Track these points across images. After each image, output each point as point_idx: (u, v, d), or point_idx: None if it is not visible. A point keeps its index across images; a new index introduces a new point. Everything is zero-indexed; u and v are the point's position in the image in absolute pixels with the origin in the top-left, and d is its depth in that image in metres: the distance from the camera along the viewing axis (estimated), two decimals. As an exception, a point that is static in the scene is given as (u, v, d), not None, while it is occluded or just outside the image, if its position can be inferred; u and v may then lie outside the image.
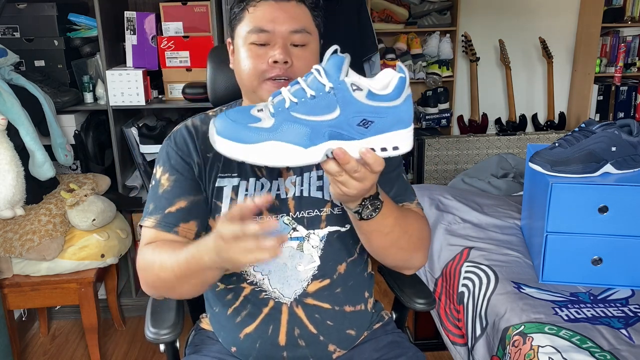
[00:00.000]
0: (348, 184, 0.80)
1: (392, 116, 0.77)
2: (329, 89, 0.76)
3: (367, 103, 0.76)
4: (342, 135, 0.78)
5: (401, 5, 3.43)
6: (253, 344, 1.11)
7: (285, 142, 0.77)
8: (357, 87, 0.76)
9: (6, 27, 2.24)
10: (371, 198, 0.87)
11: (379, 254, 1.03)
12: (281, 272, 1.09)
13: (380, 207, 0.89)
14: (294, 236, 1.08)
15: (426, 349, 2.10)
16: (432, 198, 2.02)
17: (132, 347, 2.34)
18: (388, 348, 1.17)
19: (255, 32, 1.01)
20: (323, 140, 0.78)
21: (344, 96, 0.76)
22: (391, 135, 0.78)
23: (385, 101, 0.77)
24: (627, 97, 3.52)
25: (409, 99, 0.78)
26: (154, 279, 1.00)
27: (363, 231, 0.96)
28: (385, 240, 0.97)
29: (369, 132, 0.78)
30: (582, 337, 1.22)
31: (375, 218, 0.90)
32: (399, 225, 0.96)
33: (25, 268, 2.01)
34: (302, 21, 1.02)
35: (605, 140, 1.41)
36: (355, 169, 0.78)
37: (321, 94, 0.77)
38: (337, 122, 0.77)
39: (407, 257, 1.04)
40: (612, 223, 1.39)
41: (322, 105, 0.77)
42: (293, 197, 1.08)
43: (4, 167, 1.87)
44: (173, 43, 2.26)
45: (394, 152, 0.80)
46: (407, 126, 0.79)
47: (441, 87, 3.52)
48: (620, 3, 3.43)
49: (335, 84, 0.76)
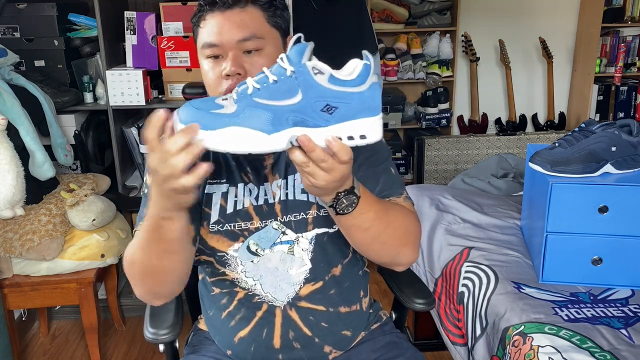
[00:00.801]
0: (316, 174, 0.78)
1: (357, 103, 0.75)
2: (290, 72, 0.75)
3: (330, 87, 0.75)
4: (306, 122, 0.76)
5: (401, 5, 3.43)
6: (248, 347, 1.11)
7: (247, 128, 0.76)
8: (319, 71, 0.75)
9: (6, 27, 2.24)
10: (346, 192, 0.84)
11: (362, 249, 1.00)
12: (273, 276, 1.08)
13: (357, 202, 0.86)
14: (284, 240, 1.07)
15: (426, 349, 2.11)
16: (432, 198, 2.02)
17: (132, 347, 2.34)
18: (386, 348, 1.16)
19: (207, 47, 1.00)
20: (286, 127, 0.76)
21: (305, 79, 0.75)
22: (358, 123, 0.76)
23: (349, 86, 0.75)
24: (627, 97, 3.52)
25: (374, 87, 0.76)
26: (130, 269, 0.97)
27: (342, 226, 0.93)
28: (366, 236, 0.94)
29: (334, 119, 0.76)
30: (582, 337, 1.22)
31: (353, 213, 0.87)
32: (379, 219, 0.93)
33: (25, 268, 2.01)
34: (250, 27, 0.99)
35: (605, 140, 1.41)
36: (322, 158, 0.76)
37: (282, 77, 0.76)
38: (299, 106, 0.75)
39: (393, 253, 1.01)
40: (612, 223, 1.39)
41: (284, 90, 0.76)
42: (279, 201, 1.07)
43: (4, 167, 1.87)
44: (173, 43, 2.26)
45: (361, 141, 0.77)
46: (374, 114, 0.76)
47: (441, 87, 3.52)
48: (620, 3, 3.43)
49: (296, 67, 0.75)
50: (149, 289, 1.01)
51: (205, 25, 1.01)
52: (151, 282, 0.99)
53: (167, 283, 1.00)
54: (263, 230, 1.07)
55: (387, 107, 3.50)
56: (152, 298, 1.04)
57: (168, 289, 1.03)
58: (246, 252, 1.07)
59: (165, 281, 0.99)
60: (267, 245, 1.07)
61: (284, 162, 1.08)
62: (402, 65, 3.46)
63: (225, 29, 0.99)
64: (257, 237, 1.07)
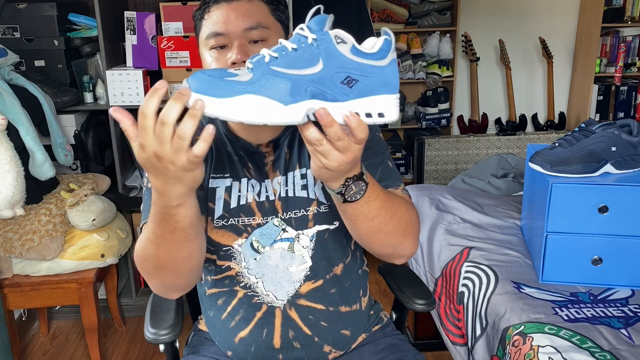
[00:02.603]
0: (329, 155, 0.75)
1: (378, 77, 0.73)
2: (312, 40, 0.72)
3: (352, 58, 0.72)
4: (324, 95, 0.73)
5: (401, 5, 3.43)
6: (248, 348, 1.12)
7: (263, 97, 0.72)
8: (342, 40, 0.72)
9: (6, 27, 2.24)
10: (355, 178, 0.82)
11: (366, 240, 0.97)
12: (273, 274, 1.08)
13: (365, 189, 0.84)
14: (284, 237, 1.07)
15: (426, 349, 2.11)
16: (432, 198, 2.02)
17: (132, 347, 2.34)
18: (387, 351, 1.16)
19: (212, 36, 1.01)
20: (305, 98, 0.72)
21: (327, 48, 0.72)
22: (377, 99, 0.73)
23: (371, 59, 0.73)
24: (627, 97, 3.52)
25: (394, 63, 0.74)
26: (143, 264, 0.95)
27: (348, 215, 0.90)
28: (372, 225, 0.91)
29: (353, 93, 0.73)
30: (582, 337, 1.22)
31: (360, 201, 0.85)
32: (385, 208, 0.90)
33: (25, 268, 2.01)
34: (256, 17, 1.01)
35: (605, 140, 1.41)
36: (338, 135, 0.73)
37: (303, 45, 0.73)
38: (320, 76, 0.72)
39: (396, 244, 0.98)
40: (612, 223, 1.39)
41: (304, 58, 0.72)
42: (279, 198, 1.07)
43: (4, 167, 1.87)
44: (173, 43, 2.26)
45: (379, 120, 0.74)
46: (393, 91, 0.74)
47: (441, 87, 3.52)
48: (620, 3, 3.43)
49: (318, 35, 0.72)
50: (166, 281, 0.99)
51: (210, 17, 1.02)
52: (168, 273, 0.96)
53: (185, 273, 0.98)
54: (264, 227, 1.07)
55: (387, 107, 3.50)
56: (169, 291, 1.03)
57: (185, 281, 1.01)
58: (249, 249, 1.07)
59: (183, 271, 0.97)
60: (268, 242, 1.07)
61: (284, 159, 1.08)
62: (402, 65, 3.46)
63: (232, 18, 1.00)
64: (259, 233, 1.07)
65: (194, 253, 0.94)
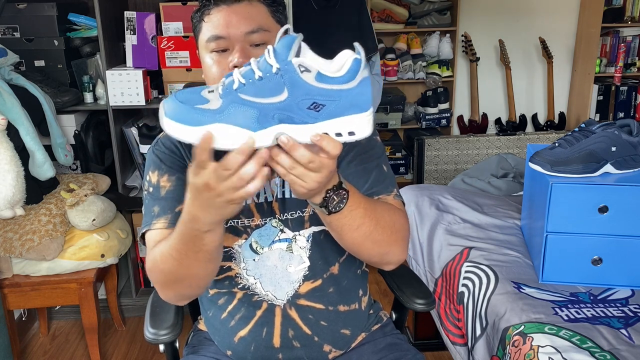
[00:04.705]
0: (305, 177, 0.75)
1: (345, 100, 0.73)
2: (276, 70, 0.73)
3: (317, 85, 0.73)
4: (292, 119, 0.73)
5: (401, 5, 3.43)
6: (248, 347, 1.12)
7: (231, 125, 0.73)
8: (306, 69, 0.73)
9: (6, 27, 2.24)
10: (335, 188, 0.82)
11: (354, 250, 0.98)
12: (272, 274, 1.09)
13: (347, 196, 0.84)
14: (282, 238, 1.08)
15: (426, 349, 2.11)
16: (432, 198, 2.02)
17: (132, 347, 2.34)
18: (387, 350, 1.16)
19: (213, 39, 1.00)
20: (272, 124, 0.74)
21: (291, 78, 0.72)
22: (346, 120, 0.74)
23: (337, 84, 0.73)
24: (627, 97, 3.52)
25: (365, 82, 0.74)
26: (160, 276, 0.97)
27: (334, 227, 0.91)
28: (358, 235, 0.92)
29: (321, 116, 0.73)
30: (582, 337, 1.22)
31: (344, 211, 0.85)
32: (369, 216, 0.91)
33: (25, 268, 2.01)
34: (257, 20, 1.00)
35: (605, 140, 1.41)
36: (307, 158, 0.73)
37: (268, 75, 0.73)
38: (285, 104, 0.73)
39: (384, 251, 0.98)
40: (612, 223, 1.39)
41: (269, 87, 0.73)
42: (276, 199, 1.08)
43: (4, 167, 1.87)
44: (173, 43, 2.26)
45: (350, 138, 0.75)
46: (363, 110, 0.74)
47: (441, 87, 3.52)
48: (620, 3, 3.43)
49: (282, 65, 0.73)
50: (179, 293, 1.01)
51: (210, 20, 1.01)
52: (182, 287, 0.98)
53: (201, 286, 1.01)
54: (263, 228, 1.08)
55: (387, 107, 3.50)
56: (179, 300, 1.05)
57: (198, 291, 1.04)
58: (249, 249, 1.08)
59: (199, 285, 1.00)
60: (266, 243, 1.08)
61: None
62: (402, 65, 3.46)
63: (233, 22, 0.99)
64: (258, 234, 1.08)
65: (214, 271, 0.97)
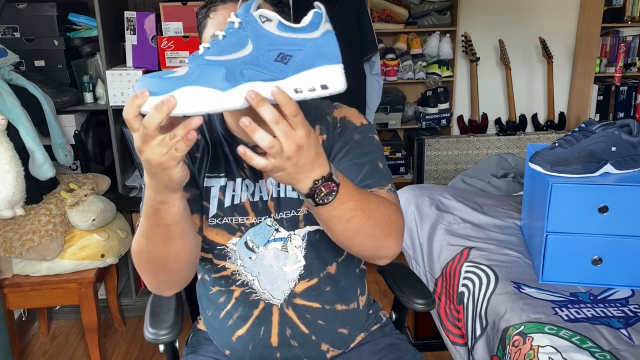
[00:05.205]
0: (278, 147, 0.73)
1: (312, 49, 0.72)
2: (238, 24, 0.73)
3: (280, 34, 0.72)
4: (262, 76, 0.72)
5: (401, 5, 3.43)
6: (246, 346, 1.12)
7: (200, 86, 0.72)
8: (267, 19, 0.73)
9: (6, 27, 2.24)
10: (323, 179, 0.79)
11: (344, 243, 0.94)
12: (269, 273, 1.09)
13: (337, 190, 0.81)
14: (277, 237, 1.08)
15: (426, 349, 2.11)
16: (432, 198, 2.02)
17: (132, 347, 2.34)
18: (386, 350, 1.17)
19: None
20: (242, 82, 0.72)
21: (253, 28, 0.72)
22: (317, 72, 0.72)
23: (300, 33, 0.72)
24: (627, 97, 3.52)
25: (329, 34, 0.73)
26: (137, 258, 0.98)
27: (323, 219, 0.88)
28: (349, 228, 0.88)
29: (290, 69, 0.72)
30: (582, 337, 1.22)
31: (333, 203, 0.82)
32: (361, 209, 0.88)
33: (25, 268, 2.01)
34: None
35: (605, 140, 1.41)
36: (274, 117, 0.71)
37: (231, 31, 0.74)
38: (251, 57, 0.72)
39: (377, 245, 0.95)
40: (612, 223, 1.39)
41: (233, 42, 0.73)
42: (272, 198, 1.08)
43: (4, 167, 1.87)
44: (173, 43, 2.26)
45: (323, 92, 0.73)
46: (333, 61, 0.73)
47: (441, 87, 3.52)
48: (620, 3, 3.43)
49: (242, 18, 0.73)
50: (157, 277, 1.01)
51: (216, 16, 1.01)
52: (158, 269, 0.99)
53: (174, 271, 1.00)
54: (258, 227, 1.08)
55: (387, 107, 3.50)
56: (162, 288, 1.05)
57: (176, 278, 1.02)
58: (244, 247, 1.08)
59: (172, 269, 0.99)
60: (261, 242, 1.08)
61: None
62: (402, 65, 3.46)
63: None
64: (253, 233, 1.08)
65: (182, 251, 0.96)
